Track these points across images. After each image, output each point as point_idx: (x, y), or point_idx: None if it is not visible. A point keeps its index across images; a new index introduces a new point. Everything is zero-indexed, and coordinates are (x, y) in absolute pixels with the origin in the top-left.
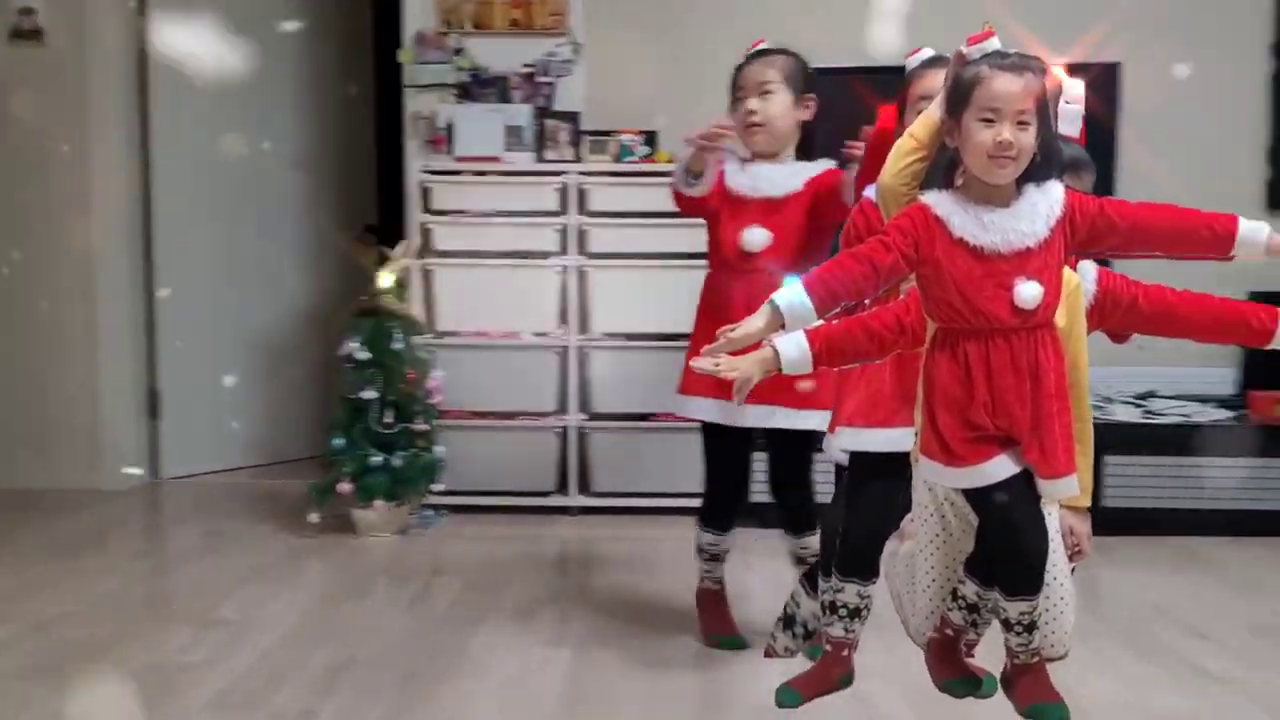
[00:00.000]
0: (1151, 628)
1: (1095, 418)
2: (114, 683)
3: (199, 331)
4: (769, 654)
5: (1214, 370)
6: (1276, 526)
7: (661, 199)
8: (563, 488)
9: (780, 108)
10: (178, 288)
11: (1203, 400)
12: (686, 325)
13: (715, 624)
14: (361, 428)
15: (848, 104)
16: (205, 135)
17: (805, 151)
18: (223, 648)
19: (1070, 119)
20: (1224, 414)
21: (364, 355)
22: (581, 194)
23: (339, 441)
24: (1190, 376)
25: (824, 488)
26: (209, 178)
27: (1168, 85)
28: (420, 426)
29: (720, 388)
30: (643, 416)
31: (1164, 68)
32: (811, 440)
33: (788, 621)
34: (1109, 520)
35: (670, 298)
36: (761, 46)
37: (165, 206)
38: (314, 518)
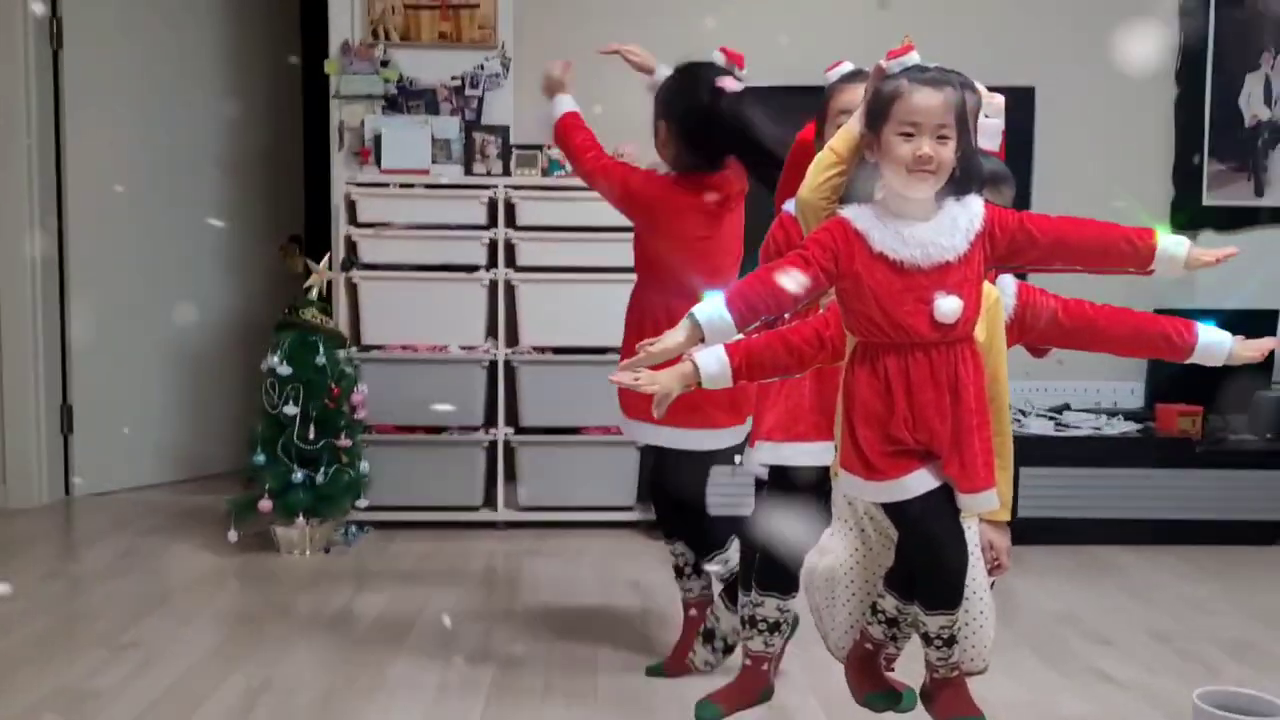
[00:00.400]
0: (1059, 634)
1: (1012, 431)
2: (20, 709)
3: (115, 342)
4: (689, 668)
5: (1123, 384)
6: (1180, 534)
7: (590, 213)
8: (490, 502)
9: (656, 139)
10: (93, 297)
11: (1112, 413)
12: (614, 339)
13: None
14: (283, 443)
15: (779, 122)
16: (124, 138)
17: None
18: (135, 672)
19: (990, 133)
20: (1132, 426)
21: (286, 370)
22: (510, 208)
23: (260, 458)
24: (1101, 390)
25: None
26: (127, 183)
27: (1079, 108)
28: (344, 442)
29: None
30: (571, 430)
31: (1075, 92)
32: (702, 459)
33: (707, 636)
34: (1022, 530)
35: (598, 311)
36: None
37: (79, 212)
38: (233, 536)
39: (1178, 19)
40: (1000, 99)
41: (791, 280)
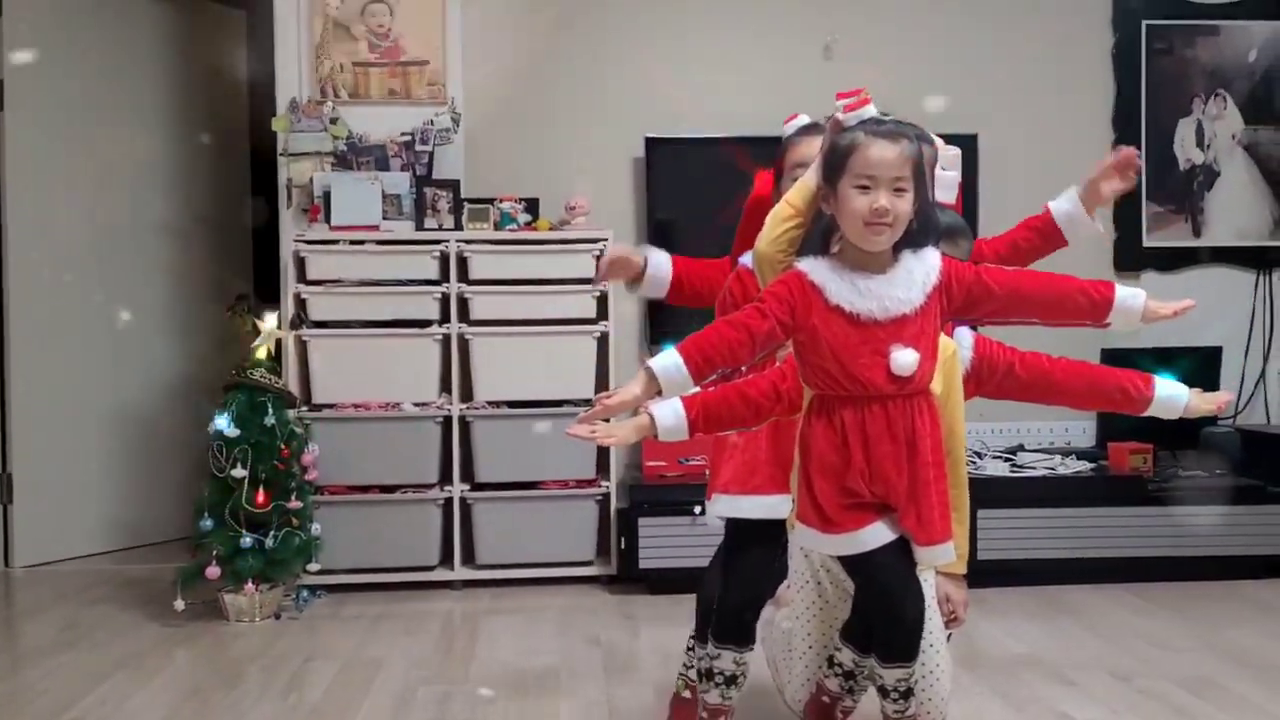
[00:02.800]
0: (1022, 677)
1: (967, 473)
2: None
3: (55, 408)
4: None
5: (1075, 424)
6: (1136, 571)
7: (543, 266)
8: (446, 561)
9: None
10: (33, 362)
11: (1065, 453)
12: (570, 391)
13: None
14: (231, 507)
15: (725, 173)
16: (68, 201)
17: None
18: None
19: (947, 186)
20: (1085, 465)
21: (234, 431)
22: (462, 261)
23: (207, 522)
24: (1054, 430)
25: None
26: (67, 243)
27: (1021, 154)
28: (294, 504)
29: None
30: (528, 485)
31: (1017, 138)
32: None
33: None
34: (980, 572)
35: (553, 364)
36: None
37: (20, 277)
38: (180, 605)
39: (1112, 67)
40: (956, 151)
41: (748, 332)
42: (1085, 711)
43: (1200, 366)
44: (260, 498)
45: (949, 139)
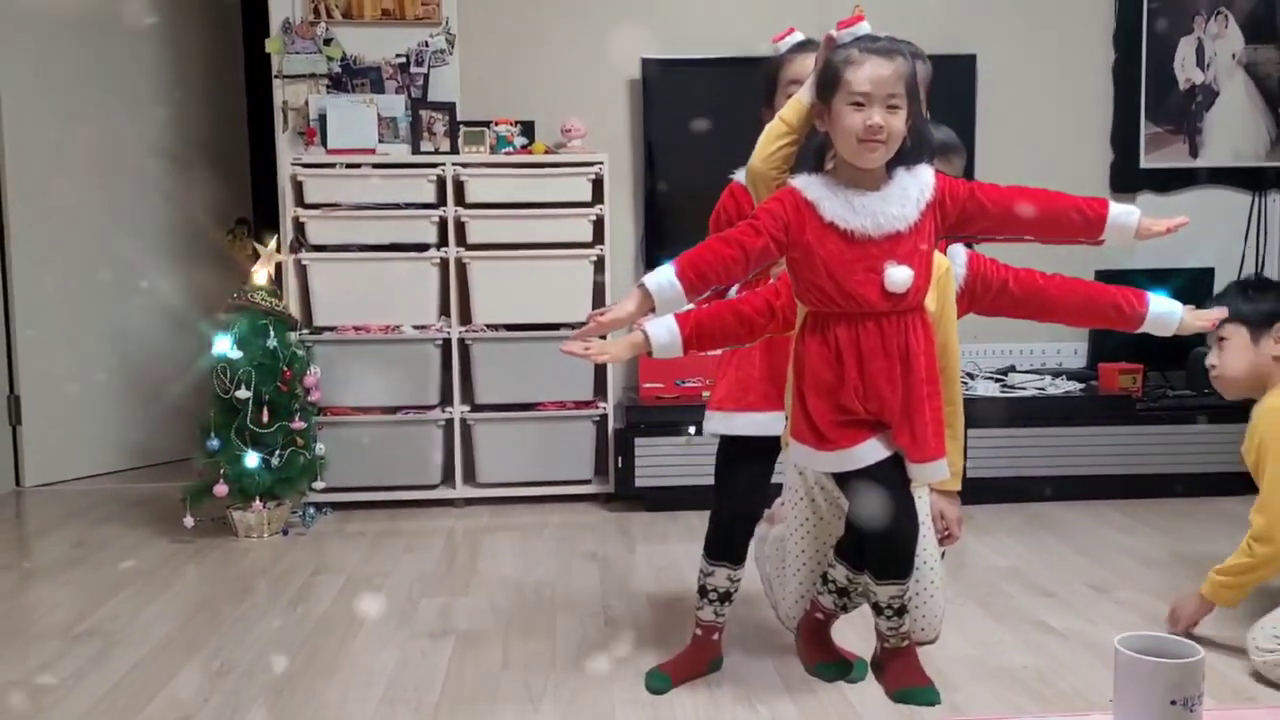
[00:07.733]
0: (1003, 589)
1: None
2: None
3: (61, 332)
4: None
5: (1067, 345)
6: (1122, 489)
7: (538, 189)
8: (448, 480)
9: None
10: (38, 286)
11: (1056, 374)
12: (567, 315)
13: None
14: (237, 427)
15: (722, 94)
16: (62, 123)
17: None
18: (91, 661)
19: None
20: (1075, 386)
21: (237, 354)
22: (459, 185)
23: (214, 442)
24: (1046, 351)
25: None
26: (66, 169)
27: (1019, 74)
28: (298, 424)
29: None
30: (526, 406)
31: (1016, 59)
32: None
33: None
34: (969, 490)
35: (549, 287)
36: None
37: (18, 200)
38: (189, 522)
39: None
40: None
41: (741, 249)
42: (1062, 620)
43: (1192, 287)
44: (264, 418)
45: (947, 59)
